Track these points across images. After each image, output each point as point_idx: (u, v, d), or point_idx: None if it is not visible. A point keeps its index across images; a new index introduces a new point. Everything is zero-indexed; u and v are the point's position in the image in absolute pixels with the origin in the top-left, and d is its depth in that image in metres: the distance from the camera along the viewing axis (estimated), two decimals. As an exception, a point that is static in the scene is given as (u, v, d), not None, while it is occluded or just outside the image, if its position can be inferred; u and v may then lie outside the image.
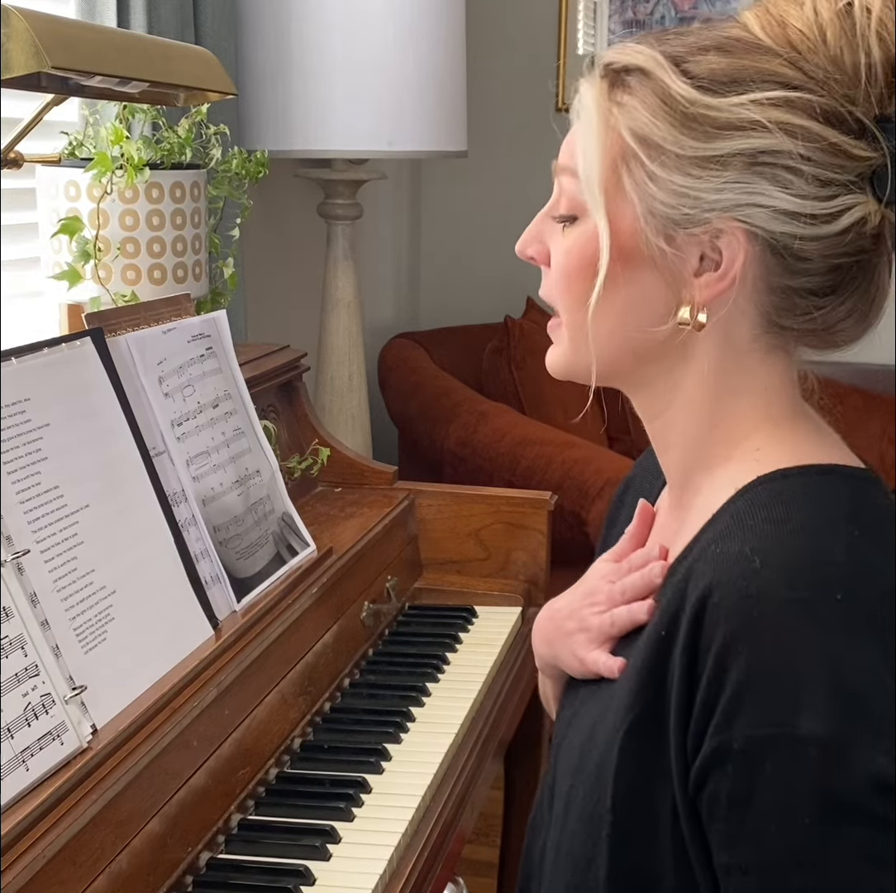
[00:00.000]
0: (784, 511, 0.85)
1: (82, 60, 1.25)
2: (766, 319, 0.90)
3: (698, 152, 0.85)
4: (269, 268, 2.79)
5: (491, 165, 3.66)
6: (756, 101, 0.84)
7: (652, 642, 0.89)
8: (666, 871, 0.87)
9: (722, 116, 0.85)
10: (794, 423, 0.93)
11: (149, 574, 1.22)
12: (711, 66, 0.86)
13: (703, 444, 0.94)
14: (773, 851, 0.80)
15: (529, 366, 3.06)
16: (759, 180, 0.85)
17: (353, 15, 2.28)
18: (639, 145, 0.87)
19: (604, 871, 0.89)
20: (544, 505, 1.85)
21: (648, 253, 0.89)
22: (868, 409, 3.26)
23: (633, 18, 3.60)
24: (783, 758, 0.79)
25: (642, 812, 0.88)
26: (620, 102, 0.88)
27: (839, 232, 0.85)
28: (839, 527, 0.84)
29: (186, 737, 1.15)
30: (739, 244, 0.86)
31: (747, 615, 0.81)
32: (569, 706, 1.04)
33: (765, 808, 0.80)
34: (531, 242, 0.97)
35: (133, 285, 1.64)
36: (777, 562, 0.82)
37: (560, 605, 1.07)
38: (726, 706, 0.81)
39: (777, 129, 0.84)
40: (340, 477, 1.91)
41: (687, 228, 0.87)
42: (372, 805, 1.27)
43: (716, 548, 0.86)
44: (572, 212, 0.93)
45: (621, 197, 0.89)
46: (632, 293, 0.90)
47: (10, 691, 0.99)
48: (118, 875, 1.02)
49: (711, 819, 0.83)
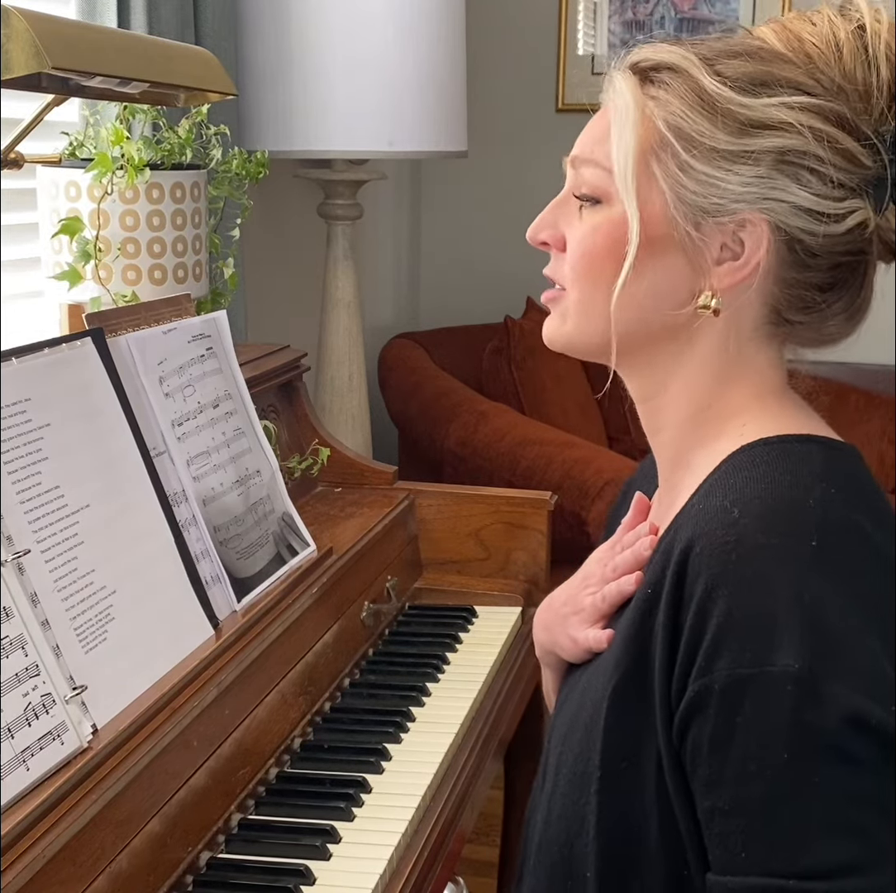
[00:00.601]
0: (763, 470, 0.90)
1: (82, 61, 1.25)
2: (771, 310, 0.96)
3: (731, 146, 0.91)
4: (270, 268, 2.79)
5: (491, 165, 3.66)
6: (786, 104, 0.90)
7: (638, 602, 0.93)
8: (651, 827, 0.89)
9: (755, 115, 0.90)
10: (781, 402, 0.98)
11: (149, 574, 1.22)
12: (741, 69, 0.92)
13: (695, 424, 0.99)
14: (753, 790, 0.82)
15: (529, 366, 3.06)
16: (784, 177, 0.91)
17: (354, 15, 2.28)
18: (674, 136, 0.92)
19: (592, 829, 0.92)
20: (544, 505, 1.85)
21: (675, 239, 0.93)
22: (868, 409, 3.26)
23: (633, 19, 3.60)
24: (761, 696, 0.82)
25: (628, 768, 0.90)
26: (655, 97, 0.93)
27: (844, 232, 0.92)
28: (815, 483, 0.88)
29: (187, 737, 1.15)
30: (763, 235, 0.92)
31: (726, 562, 0.85)
32: (564, 688, 1.07)
33: (744, 748, 0.82)
34: (544, 226, 1.01)
35: (133, 286, 1.64)
36: (754, 511, 0.87)
37: (558, 593, 1.11)
38: (707, 650, 0.84)
39: (806, 131, 0.90)
40: (340, 477, 1.92)
41: (715, 216, 0.92)
42: (372, 805, 1.27)
43: (699, 505, 0.91)
44: (596, 195, 0.96)
45: (651, 184, 0.93)
46: (654, 279, 0.95)
47: (11, 691, 0.99)
48: (118, 875, 1.02)
49: (694, 766, 0.85)
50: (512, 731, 1.68)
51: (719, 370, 0.97)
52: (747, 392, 0.97)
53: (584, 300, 0.98)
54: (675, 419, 1.00)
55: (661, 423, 1.01)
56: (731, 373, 0.97)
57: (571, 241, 0.98)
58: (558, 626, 1.07)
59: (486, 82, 3.59)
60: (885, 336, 0.97)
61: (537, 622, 1.13)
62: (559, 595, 1.10)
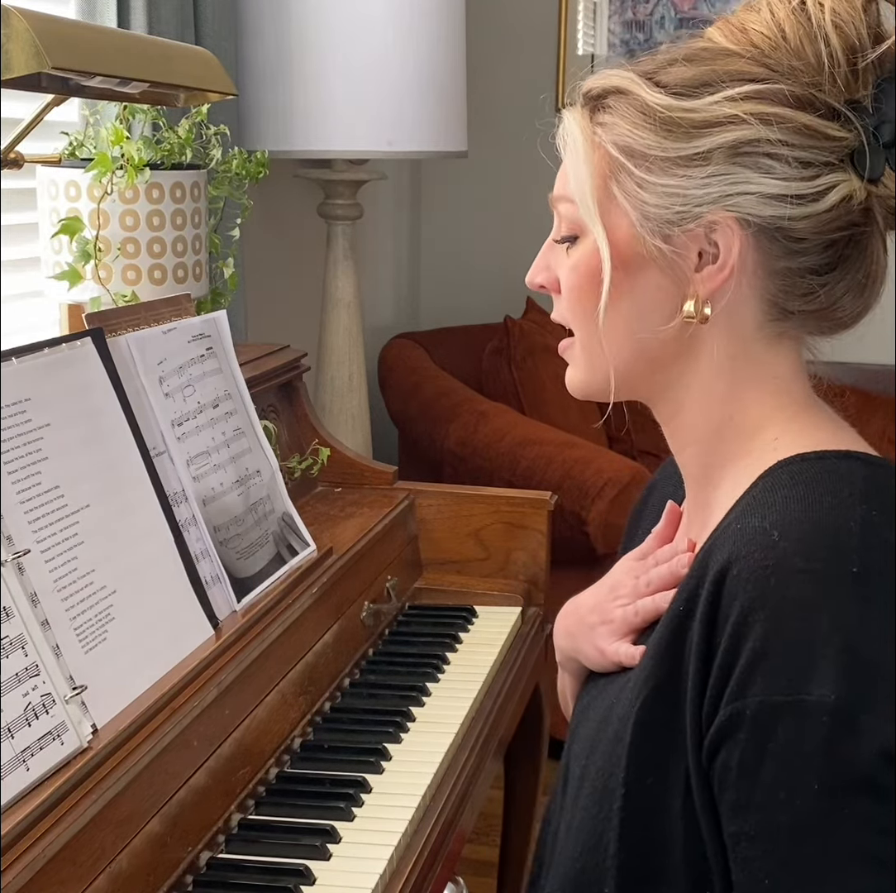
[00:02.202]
0: (803, 490, 0.88)
1: (82, 61, 1.25)
2: (770, 305, 0.94)
3: (681, 152, 0.90)
4: (270, 268, 2.79)
5: (491, 165, 3.66)
6: (729, 98, 0.90)
7: (670, 618, 0.91)
8: (675, 846, 0.88)
9: (698, 116, 0.90)
10: (809, 413, 0.96)
11: (149, 574, 1.22)
12: (681, 74, 0.92)
13: (720, 438, 0.97)
14: (781, 817, 0.81)
15: (529, 366, 3.06)
16: (742, 170, 0.89)
17: (354, 15, 2.28)
18: (624, 156, 0.92)
19: (614, 845, 0.91)
20: (544, 505, 1.85)
21: (648, 256, 0.93)
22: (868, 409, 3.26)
23: (632, 19, 3.60)
24: (794, 725, 0.80)
25: (654, 786, 0.89)
26: (602, 122, 0.94)
27: (827, 209, 0.89)
28: (856, 504, 0.86)
29: (186, 737, 1.15)
30: (733, 233, 0.90)
31: (764, 586, 0.83)
32: (586, 696, 1.06)
33: (774, 775, 0.81)
34: (540, 271, 1.01)
35: (133, 286, 1.64)
36: (794, 535, 0.84)
37: (583, 599, 1.09)
38: (741, 675, 0.83)
39: (752, 119, 0.89)
40: (340, 477, 1.92)
41: (681, 225, 0.91)
42: (372, 805, 1.27)
43: (736, 525, 0.89)
44: (573, 232, 0.97)
45: (615, 208, 0.93)
46: (637, 298, 0.94)
47: (11, 691, 0.99)
48: (118, 875, 1.02)
49: (722, 789, 0.84)
50: (512, 731, 1.68)
51: (731, 376, 0.95)
52: (769, 400, 0.95)
53: (585, 340, 0.98)
54: (699, 435, 0.98)
55: (686, 440, 1.00)
56: (744, 376, 0.95)
57: (562, 281, 0.99)
58: (583, 634, 1.05)
59: (486, 82, 3.59)
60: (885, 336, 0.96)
61: (559, 627, 1.11)
62: (585, 602, 1.08)
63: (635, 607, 1.00)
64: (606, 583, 1.08)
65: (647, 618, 0.99)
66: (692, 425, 0.98)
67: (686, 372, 0.96)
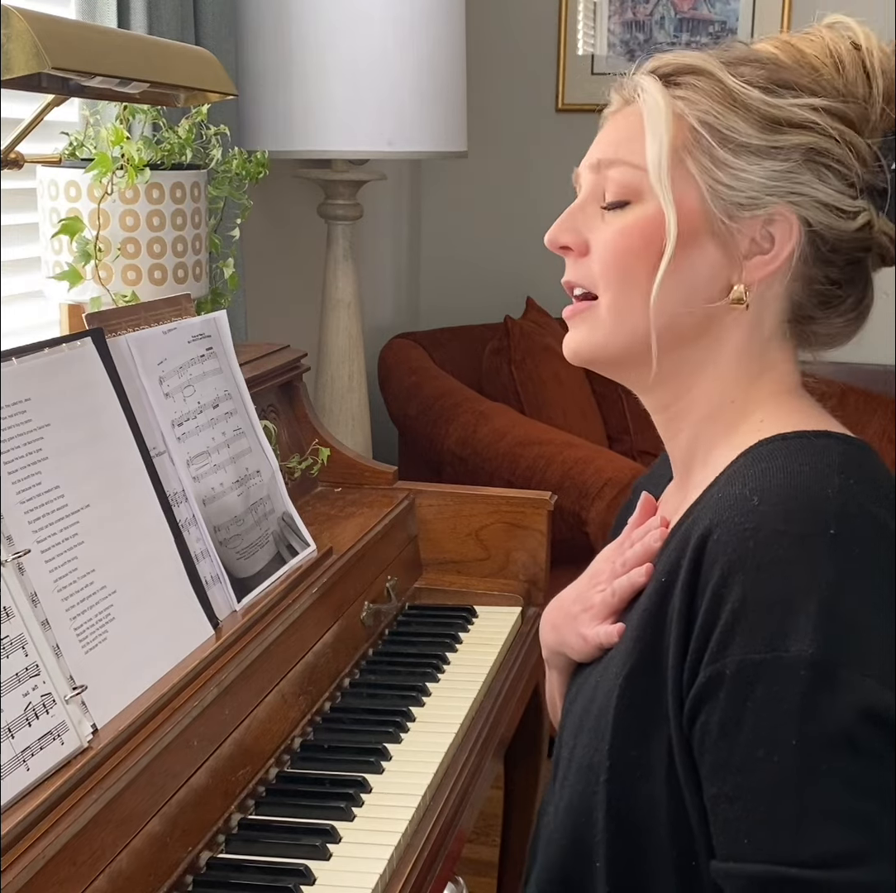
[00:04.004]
0: (782, 460, 0.91)
1: (82, 61, 1.25)
2: (794, 306, 0.98)
3: (761, 142, 0.94)
4: (270, 268, 2.79)
5: (491, 165, 3.66)
6: (810, 105, 0.95)
7: (652, 591, 0.93)
8: (661, 816, 0.89)
9: (781, 114, 0.94)
10: (796, 399, 1.00)
11: (149, 574, 1.22)
12: (759, 72, 0.96)
13: (713, 420, 1.00)
14: (760, 776, 0.82)
15: (529, 366, 3.06)
16: (808, 173, 0.94)
17: (354, 15, 2.28)
18: (706, 132, 0.95)
19: (601, 818, 0.92)
20: (544, 505, 1.85)
21: (709, 232, 0.96)
22: (868, 409, 3.26)
23: (632, 19, 3.60)
24: (773, 681, 0.82)
25: (638, 756, 0.90)
26: (682, 97, 0.97)
27: (857, 229, 0.95)
28: (833, 474, 0.89)
29: (187, 737, 1.15)
30: (793, 227, 0.95)
31: (743, 548, 0.86)
32: (573, 687, 1.07)
33: (753, 733, 0.82)
34: (566, 232, 1.02)
35: (133, 286, 1.64)
36: (773, 499, 0.87)
37: (566, 593, 1.11)
38: (720, 635, 0.84)
39: (830, 130, 0.94)
40: (340, 477, 1.92)
41: (748, 209, 0.95)
42: (372, 805, 1.27)
43: (718, 494, 0.92)
44: (624, 198, 0.98)
45: (684, 180, 0.96)
46: (690, 272, 0.97)
47: (11, 690, 0.99)
48: (118, 875, 1.02)
49: (702, 751, 0.86)
50: (512, 731, 1.68)
51: (745, 367, 0.99)
52: (766, 387, 0.99)
53: (619, 303, 0.99)
54: (696, 417, 1.01)
55: (681, 426, 1.02)
56: (755, 370, 0.99)
57: (598, 244, 0.99)
58: (567, 625, 1.07)
59: (486, 82, 3.59)
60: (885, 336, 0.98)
61: (544, 622, 1.13)
62: (567, 595, 1.10)
63: (612, 588, 1.01)
64: (587, 573, 1.10)
65: (624, 596, 1.00)
66: (693, 408, 1.01)
67: (705, 355, 0.99)
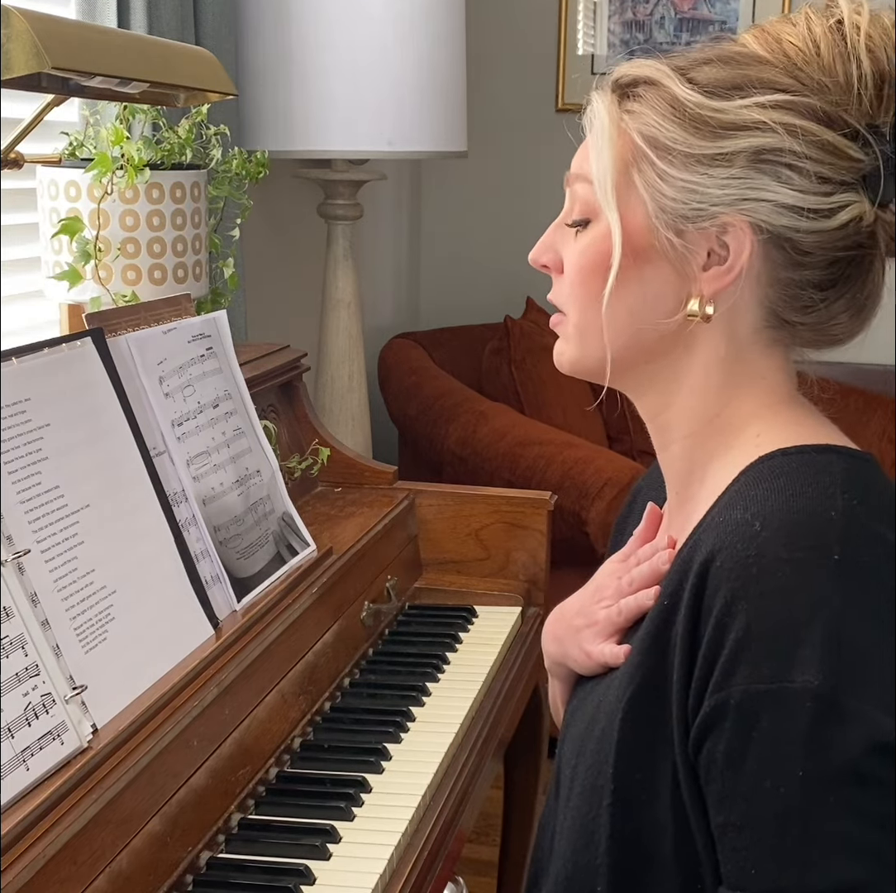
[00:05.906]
0: (784, 481, 0.89)
1: (82, 61, 1.25)
2: (770, 313, 0.95)
3: (705, 150, 0.91)
4: (270, 268, 2.79)
5: (491, 165, 3.67)
6: (759, 104, 0.90)
7: (656, 614, 0.92)
8: (665, 841, 0.88)
9: (727, 118, 0.91)
10: (792, 410, 0.97)
11: (149, 574, 1.22)
12: (714, 74, 0.93)
13: (704, 435, 0.98)
14: (766, 805, 0.81)
15: (529, 366, 3.06)
16: (762, 176, 0.90)
17: (354, 15, 2.28)
18: (649, 146, 0.93)
19: (604, 843, 0.91)
20: (544, 505, 1.85)
21: (659, 248, 0.94)
22: (868, 409, 3.26)
23: (632, 19, 3.60)
24: (778, 712, 0.81)
25: (642, 780, 0.89)
26: (630, 110, 0.95)
27: (837, 227, 0.91)
28: (836, 494, 0.87)
29: (187, 737, 1.15)
30: (745, 237, 0.91)
31: (747, 576, 0.84)
32: (574, 699, 1.06)
33: (759, 764, 0.81)
34: (545, 251, 1.02)
35: (133, 286, 1.64)
36: (776, 524, 0.85)
37: (569, 604, 1.10)
38: (725, 665, 0.83)
39: (779, 128, 0.89)
40: (340, 477, 1.92)
41: (695, 222, 0.92)
42: (372, 805, 1.27)
43: (719, 518, 0.90)
44: (585, 216, 0.98)
45: (632, 196, 0.94)
46: (642, 288, 0.95)
47: (11, 690, 0.99)
48: (118, 875, 1.02)
49: (708, 780, 0.85)
50: (512, 731, 1.68)
51: (723, 378, 0.96)
52: (755, 399, 0.96)
53: (581, 322, 0.98)
54: (684, 432, 0.99)
55: (671, 437, 1.00)
56: (736, 381, 0.96)
57: (567, 262, 0.99)
58: (570, 638, 1.05)
59: (486, 82, 3.59)
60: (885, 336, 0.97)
61: (546, 633, 1.12)
62: (570, 606, 1.08)
63: (618, 606, 1.00)
64: (590, 586, 1.08)
65: (631, 617, 0.99)
66: (678, 421, 0.99)
67: (678, 367, 0.97)
